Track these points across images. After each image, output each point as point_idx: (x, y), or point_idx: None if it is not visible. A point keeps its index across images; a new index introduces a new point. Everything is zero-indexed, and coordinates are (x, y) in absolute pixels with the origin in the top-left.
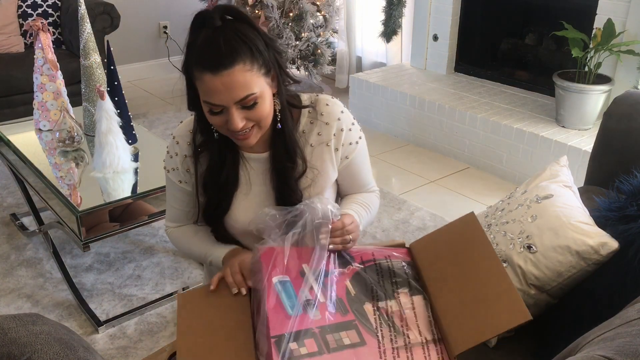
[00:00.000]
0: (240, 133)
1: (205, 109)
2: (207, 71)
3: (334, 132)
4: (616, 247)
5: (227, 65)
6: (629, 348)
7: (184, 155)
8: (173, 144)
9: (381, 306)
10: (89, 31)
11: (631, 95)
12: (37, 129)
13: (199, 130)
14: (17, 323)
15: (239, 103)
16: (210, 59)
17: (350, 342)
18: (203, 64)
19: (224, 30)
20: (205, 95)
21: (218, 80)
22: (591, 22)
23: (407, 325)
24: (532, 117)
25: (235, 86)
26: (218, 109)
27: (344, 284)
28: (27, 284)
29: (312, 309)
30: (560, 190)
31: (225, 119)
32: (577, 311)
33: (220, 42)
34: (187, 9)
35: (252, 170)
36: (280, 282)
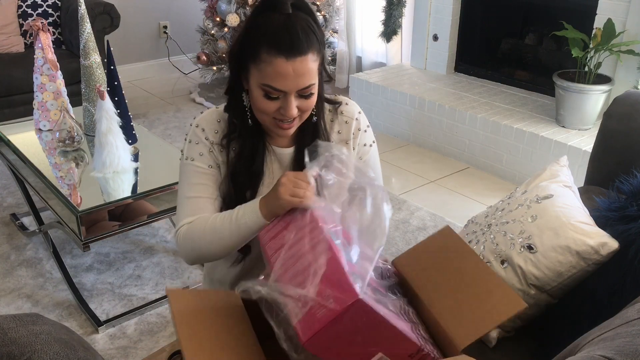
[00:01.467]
0: (286, 122)
1: (258, 93)
2: (282, 55)
3: (352, 132)
4: (616, 247)
5: (302, 52)
6: (629, 348)
7: (211, 142)
8: (197, 132)
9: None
10: (89, 31)
11: (631, 95)
12: (37, 129)
13: (234, 116)
14: (17, 323)
15: (300, 91)
16: (288, 44)
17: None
18: (278, 47)
19: (298, 19)
20: (269, 78)
21: (290, 65)
22: (591, 22)
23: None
24: (532, 117)
25: (304, 74)
26: (277, 95)
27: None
28: (27, 284)
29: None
30: (560, 190)
31: (278, 105)
32: (577, 311)
33: (298, 29)
34: (187, 9)
35: (276, 163)
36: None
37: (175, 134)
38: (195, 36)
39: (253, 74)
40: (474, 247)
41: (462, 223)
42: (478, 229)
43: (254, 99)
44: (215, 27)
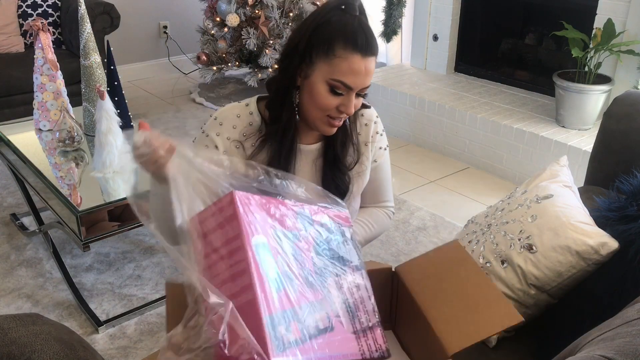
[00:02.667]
0: (338, 119)
1: (324, 87)
2: (358, 52)
3: (371, 134)
4: (616, 247)
5: (374, 53)
6: (629, 348)
7: (226, 137)
8: (214, 124)
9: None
10: (89, 31)
11: (631, 95)
12: (37, 129)
13: (277, 112)
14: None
15: (361, 90)
16: (366, 43)
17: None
18: (356, 45)
19: (367, 22)
20: (342, 74)
21: (363, 63)
22: (591, 22)
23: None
24: (532, 117)
25: (370, 73)
26: (343, 91)
27: (309, 256)
28: (27, 284)
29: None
30: (560, 190)
31: (340, 101)
32: (577, 311)
33: (370, 29)
34: (187, 9)
35: (300, 160)
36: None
37: (175, 134)
38: (195, 36)
39: (321, 69)
40: (473, 247)
41: (462, 223)
42: (478, 229)
43: (315, 93)
44: (215, 27)
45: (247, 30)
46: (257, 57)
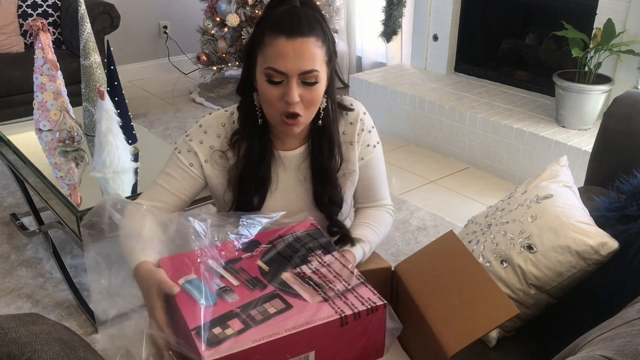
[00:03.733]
0: (291, 117)
1: (262, 79)
2: (282, 35)
3: (357, 132)
4: (616, 247)
5: (303, 33)
6: (629, 348)
7: (209, 146)
8: (199, 132)
9: (298, 271)
10: (89, 31)
11: (631, 95)
12: (37, 129)
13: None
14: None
15: (302, 76)
16: (289, 24)
17: (276, 310)
18: (279, 28)
19: (303, 9)
20: (272, 60)
21: (291, 45)
22: (591, 22)
23: (329, 280)
24: (532, 117)
25: (305, 56)
26: (279, 78)
27: (255, 264)
28: (27, 284)
29: (228, 294)
30: (560, 190)
31: (282, 91)
32: (577, 311)
33: (301, 14)
34: (187, 9)
35: (281, 168)
36: (187, 282)
37: (175, 134)
38: (195, 36)
39: (259, 63)
40: (473, 247)
41: (462, 223)
42: (478, 229)
43: (260, 89)
44: (215, 27)
45: (247, 30)
46: None
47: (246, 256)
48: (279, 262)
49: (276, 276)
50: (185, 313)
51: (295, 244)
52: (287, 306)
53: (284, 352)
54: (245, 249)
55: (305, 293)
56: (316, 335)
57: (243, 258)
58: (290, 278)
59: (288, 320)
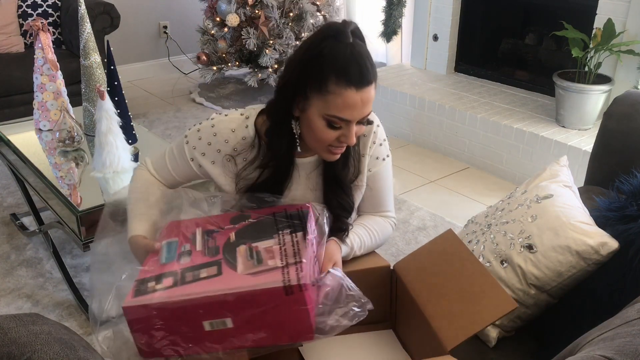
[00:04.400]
0: (340, 148)
1: (321, 123)
2: (352, 86)
3: (369, 144)
4: (616, 247)
5: (370, 82)
6: (629, 348)
7: (217, 150)
8: (209, 133)
9: (254, 245)
10: (89, 31)
11: (631, 95)
12: (37, 129)
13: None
14: (17, 323)
15: (362, 119)
16: (358, 75)
17: (207, 275)
18: (348, 79)
19: (361, 48)
20: (337, 109)
21: (359, 96)
22: (591, 22)
23: (272, 256)
24: (532, 117)
25: (369, 102)
26: (341, 124)
27: (227, 235)
28: (27, 284)
29: (185, 257)
30: (560, 190)
31: (340, 133)
32: (577, 311)
33: (365, 60)
34: (187, 9)
35: (297, 173)
36: (167, 243)
37: (175, 134)
38: (195, 36)
39: (316, 104)
40: (473, 247)
41: (462, 223)
42: (478, 229)
43: (313, 128)
44: (215, 27)
45: (247, 30)
46: (257, 57)
47: (229, 227)
48: (247, 235)
49: (233, 247)
50: (142, 268)
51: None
52: (218, 273)
53: (198, 312)
54: (234, 219)
55: (242, 265)
56: (228, 302)
57: (224, 228)
58: (242, 251)
59: (209, 285)
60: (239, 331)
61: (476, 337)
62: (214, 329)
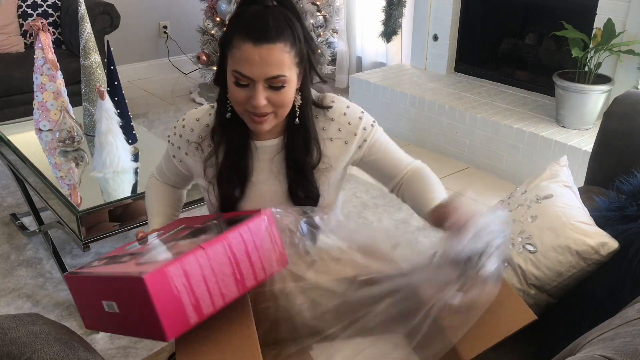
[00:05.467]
0: (258, 114)
1: (231, 79)
2: (249, 41)
3: (338, 128)
4: (616, 247)
5: (270, 40)
6: (629, 348)
7: (186, 140)
8: (179, 125)
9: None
10: (89, 31)
11: (631, 95)
12: (37, 129)
13: (217, 110)
14: (17, 323)
15: (268, 81)
16: (256, 30)
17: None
18: (247, 33)
19: (274, 10)
20: (239, 64)
21: (257, 52)
22: (591, 22)
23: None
24: (532, 117)
25: (271, 62)
26: (245, 82)
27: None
28: (27, 284)
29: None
30: (561, 190)
31: (248, 94)
32: (577, 311)
33: (269, 18)
34: (187, 9)
35: (258, 157)
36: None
37: None
38: (195, 36)
39: (228, 62)
40: None
41: None
42: None
43: (228, 87)
44: (215, 27)
45: None
46: None
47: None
48: (199, 232)
49: (177, 241)
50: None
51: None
52: (129, 260)
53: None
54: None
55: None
56: (111, 287)
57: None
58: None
59: (112, 268)
60: (124, 317)
61: None
62: (109, 310)
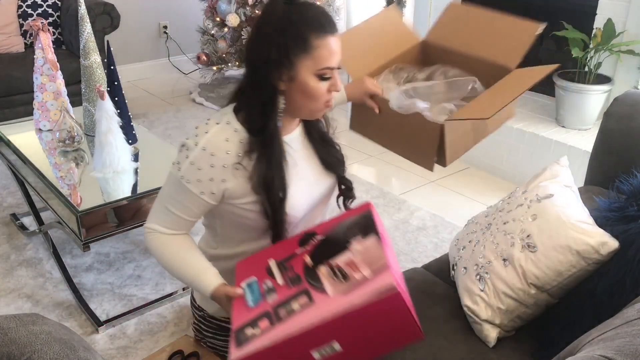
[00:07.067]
0: (331, 98)
1: (314, 80)
2: (329, 34)
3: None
4: (616, 246)
5: (336, 27)
6: (629, 348)
7: (222, 166)
8: (205, 156)
9: (334, 263)
10: (89, 31)
11: (631, 95)
12: (37, 129)
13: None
14: (17, 323)
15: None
16: (327, 23)
17: (299, 306)
18: (323, 29)
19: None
20: (325, 60)
21: (336, 41)
22: (591, 22)
23: (356, 268)
24: (532, 117)
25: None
26: (331, 73)
27: (302, 259)
28: (27, 284)
29: (271, 294)
30: (561, 190)
31: (329, 84)
32: (577, 311)
33: (324, 10)
34: (187, 9)
35: (293, 150)
36: (247, 285)
37: (175, 134)
38: (195, 36)
39: (305, 66)
40: (474, 247)
41: (462, 223)
42: (478, 229)
43: (309, 89)
44: (215, 27)
45: (247, 30)
46: None
47: (300, 251)
48: (322, 254)
49: (314, 270)
50: (234, 315)
51: (345, 231)
52: (310, 301)
53: (304, 345)
54: (302, 241)
55: (330, 286)
56: (332, 327)
57: (297, 254)
58: (324, 271)
59: (306, 316)
60: (349, 351)
61: (476, 337)
62: (323, 356)
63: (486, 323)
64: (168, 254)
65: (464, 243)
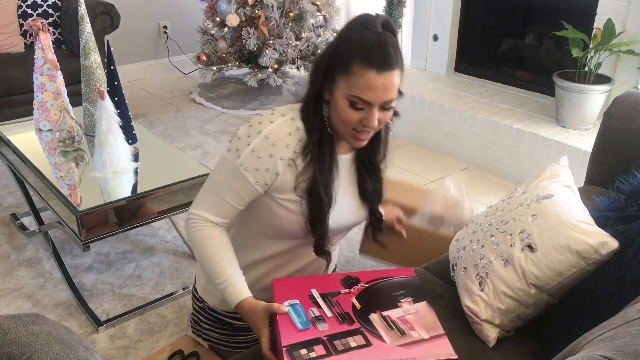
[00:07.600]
0: (365, 133)
1: (344, 103)
2: (374, 69)
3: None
4: (616, 246)
5: (391, 68)
6: (629, 348)
7: (279, 158)
8: (266, 145)
9: (385, 314)
10: (89, 31)
11: (631, 95)
12: (37, 129)
13: (314, 125)
14: (17, 323)
15: (383, 104)
16: (379, 59)
17: (357, 344)
18: (371, 62)
19: (388, 38)
20: (359, 90)
21: (380, 79)
22: (591, 22)
23: (412, 327)
24: (532, 117)
25: (390, 88)
26: (362, 106)
27: (350, 301)
28: (27, 284)
29: (320, 323)
30: (561, 190)
31: (361, 116)
32: (577, 311)
33: (389, 47)
34: (187, 9)
35: (341, 171)
36: (290, 305)
37: (175, 134)
38: (195, 36)
39: (341, 85)
40: (474, 247)
41: None
42: (478, 229)
43: (338, 109)
44: (215, 27)
45: (247, 30)
46: (257, 57)
47: (344, 291)
48: (371, 302)
49: (365, 315)
50: (282, 331)
51: (391, 288)
52: (367, 343)
53: None
54: (345, 283)
55: (387, 335)
56: None
57: (342, 293)
58: (376, 319)
59: (365, 356)
60: None
61: (476, 337)
62: None
63: (486, 323)
64: (210, 246)
65: (464, 243)
